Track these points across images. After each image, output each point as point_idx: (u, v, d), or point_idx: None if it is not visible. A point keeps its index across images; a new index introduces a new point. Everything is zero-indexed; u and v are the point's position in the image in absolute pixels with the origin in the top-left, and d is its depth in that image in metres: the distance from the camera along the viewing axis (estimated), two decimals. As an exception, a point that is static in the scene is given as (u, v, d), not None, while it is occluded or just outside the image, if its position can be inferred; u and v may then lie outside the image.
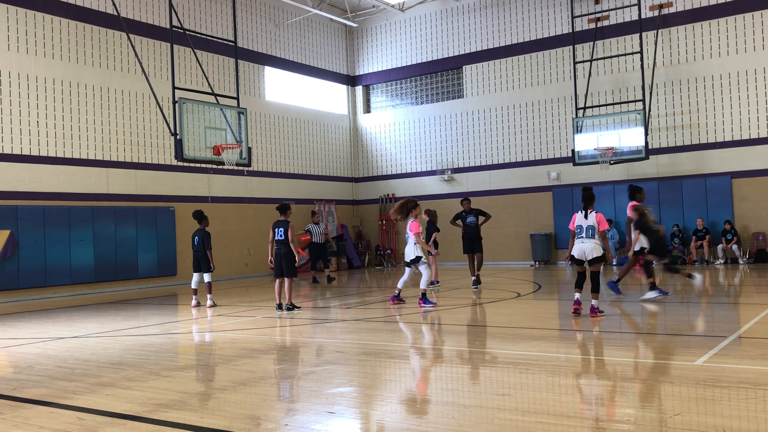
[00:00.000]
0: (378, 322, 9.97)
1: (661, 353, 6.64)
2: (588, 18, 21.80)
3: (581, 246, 9.30)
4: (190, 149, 14.58)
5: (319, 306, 12.62)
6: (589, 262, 9.25)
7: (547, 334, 8.40)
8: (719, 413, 4.48)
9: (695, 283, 11.50)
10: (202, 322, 10.91)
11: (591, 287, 9.30)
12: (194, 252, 12.74)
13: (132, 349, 8.16)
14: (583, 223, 9.32)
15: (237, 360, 7.18)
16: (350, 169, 26.80)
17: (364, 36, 26.65)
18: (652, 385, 5.39)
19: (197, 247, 12.60)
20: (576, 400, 5.04)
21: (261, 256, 21.87)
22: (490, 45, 23.72)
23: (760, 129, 19.33)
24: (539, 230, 22.29)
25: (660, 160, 20.67)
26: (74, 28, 17.55)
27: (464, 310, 11.12)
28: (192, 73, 19.99)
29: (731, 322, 8.74)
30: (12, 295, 15.85)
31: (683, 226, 20.17)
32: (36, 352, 8.22)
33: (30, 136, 16.54)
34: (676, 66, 20.60)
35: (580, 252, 9.30)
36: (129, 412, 5.06)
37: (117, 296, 16.38)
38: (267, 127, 22.99)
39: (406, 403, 5.27)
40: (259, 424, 4.66)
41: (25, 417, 5.05)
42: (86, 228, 17.32)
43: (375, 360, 6.98)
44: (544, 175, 22.67)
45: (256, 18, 22.95)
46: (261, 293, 15.61)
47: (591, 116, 21.07)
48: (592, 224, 9.23)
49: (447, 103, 24.80)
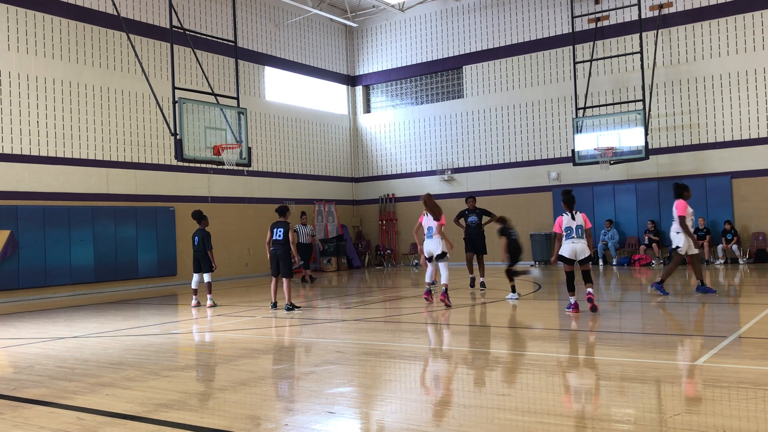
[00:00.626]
0: (378, 322, 9.97)
1: (661, 353, 6.64)
2: (588, 18, 21.80)
3: (573, 246, 9.48)
4: (190, 149, 14.59)
5: (319, 306, 12.62)
6: (581, 261, 9.52)
7: (547, 334, 8.40)
8: (719, 413, 4.48)
9: (533, 274, 12.78)
10: (202, 322, 10.91)
11: (585, 281, 9.62)
12: (194, 252, 12.74)
13: (132, 349, 8.16)
14: (572, 224, 9.51)
15: (237, 360, 7.18)
16: (350, 169, 26.81)
17: (364, 36, 26.65)
18: (652, 385, 5.39)
19: (197, 247, 12.61)
20: (576, 400, 5.04)
21: (261, 256, 21.86)
22: (490, 45, 23.72)
23: (760, 129, 19.34)
24: (539, 230, 22.28)
25: (660, 160, 20.68)
26: (74, 28, 17.55)
27: (464, 310, 11.11)
28: (192, 73, 19.99)
29: (731, 322, 8.74)
30: (12, 295, 15.85)
31: (683, 226, 20.14)
32: (36, 352, 8.21)
33: (30, 136, 16.54)
34: (676, 66, 20.60)
35: (572, 252, 9.49)
36: (129, 412, 5.06)
37: (117, 296, 16.38)
38: (267, 127, 22.98)
39: (406, 403, 5.27)
40: (259, 424, 4.65)
41: (25, 417, 5.05)
42: (86, 228, 17.32)
43: (375, 360, 6.98)
44: (544, 175, 22.67)
45: (256, 18, 22.95)
46: (261, 293, 15.61)
47: (591, 116, 21.07)
48: (580, 224, 9.48)
49: (447, 103, 24.80)
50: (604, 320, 9.68)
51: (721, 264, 18.89)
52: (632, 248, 20.83)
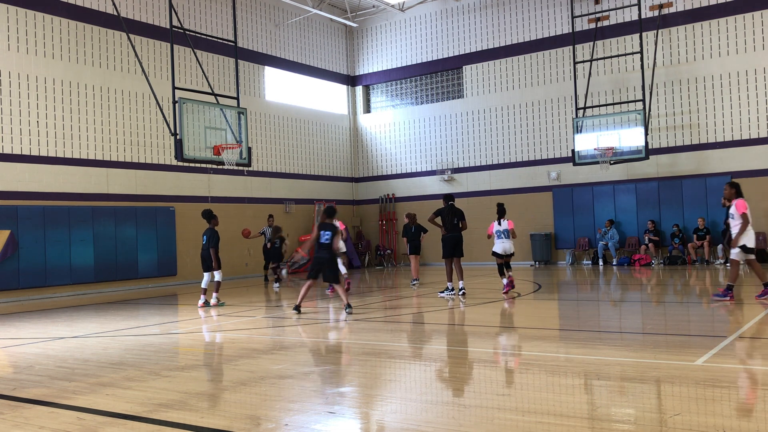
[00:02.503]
0: (378, 322, 9.97)
1: (661, 353, 6.64)
2: (588, 18, 21.80)
3: (504, 245, 12.84)
4: (190, 149, 14.59)
5: (319, 306, 12.62)
6: (509, 255, 12.91)
7: (547, 334, 8.40)
8: (719, 413, 4.47)
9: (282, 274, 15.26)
10: (202, 322, 10.91)
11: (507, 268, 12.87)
12: (201, 251, 12.78)
13: (132, 349, 8.15)
14: (500, 228, 12.87)
15: (237, 360, 7.18)
16: (350, 169, 26.80)
17: (364, 36, 26.65)
18: (652, 385, 5.39)
19: (204, 245, 12.66)
20: (576, 400, 5.04)
21: (261, 256, 21.86)
22: (490, 45, 23.72)
23: (760, 129, 19.34)
24: (539, 230, 22.29)
25: (660, 160, 20.68)
26: (74, 28, 17.55)
27: (464, 309, 11.12)
28: (192, 73, 19.99)
29: (731, 322, 8.74)
30: (12, 295, 15.85)
31: (683, 226, 20.17)
32: (36, 352, 8.21)
33: (30, 136, 16.53)
34: (676, 66, 20.60)
35: (503, 249, 12.84)
36: (129, 412, 5.06)
37: (117, 296, 16.38)
38: (267, 127, 22.98)
39: (406, 403, 5.27)
40: (259, 424, 4.65)
41: (25, 417, 5.05)
42: (86, 228, 17.32)
43: (375, 360, 6.98)
44: (544, 175, 22.67)
45: (256, 18, 22.95)
46: (261, 293, 15.60)
47: (591, 116, 21.07)
48: (506, 228, 12.85)
49: (447, 103, 24.80)
50: (605, 320, 9.69)
51: (721, 264, 18.89)
52: (632, 248, 20.83)
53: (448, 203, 12.98)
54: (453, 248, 12.71)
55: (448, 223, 12.74)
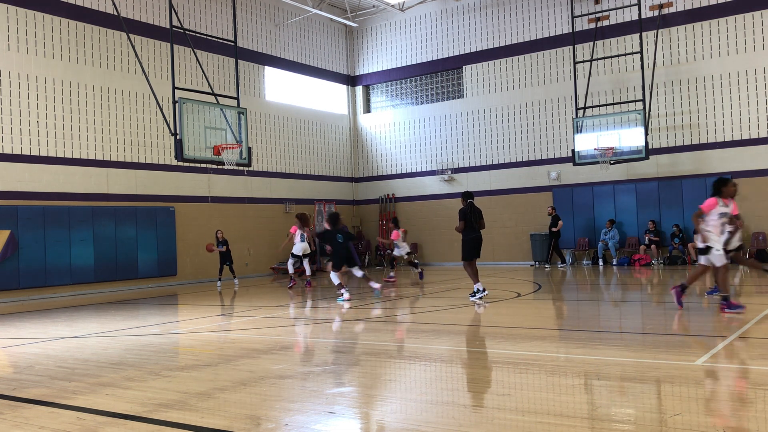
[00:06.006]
0: (378, 322, 9.97)
1: (661, 353, 6.64)
2: (588, 18, 21.80)
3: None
4: (190, 149, 14.59)
5: (319, 306, 12.62)
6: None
7: (547, 334, 8.40)
8: (719, 413, 4.47)
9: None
10: (202, 322, 10.91)
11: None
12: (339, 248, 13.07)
13: (132, 349, 8.15)
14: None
15: (237, 360, 7.18)
16: (350, 169, 26.80)
17: (364, 36, 26.65)
18: (652, 385, 5.39)
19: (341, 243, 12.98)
20: (576, 400, 5.04)
21: (261, 255, 21.88)
22: (490, 45, 23.72)
23: (760, 129, 19.34)
24: (539, 230, 22.28)
25: (660, 160, 20.68)
26: (74, 28, 17.55)
27: (464, 309, 11.11)
28: (192, 73, 19.99)
29: (731, 322, 8.74)
30: (12, 295, 15.85)
31: (683, 226, 20.16)
32: (36, 352, 8.21)
33: (30, 136, 16.54)
34: (676, 66, 20.60)
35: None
36: (129, 412, 5.06)
37: (117, 296, 16.38)
38: (267, 127, 22.98)
39: (406, 403, 5.27)
40: (259, 424, 4.65)
41: (25, 417, 5.05)
42: (86, 228, 17.33)
43: (375, 360, 6.98)
44: (544, 175, 22.67)
45: (256, 18, 22.95)
46: (261, 293, 15.60)
47: (591, 116, 21.07)
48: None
49: (447, 103, 24.80)
50: (605, 320, 9.69)
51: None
52: (632, 248, 20.83)
53: (467, 201, 12.07)
54: (479, 249, 12.15)
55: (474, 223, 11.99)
